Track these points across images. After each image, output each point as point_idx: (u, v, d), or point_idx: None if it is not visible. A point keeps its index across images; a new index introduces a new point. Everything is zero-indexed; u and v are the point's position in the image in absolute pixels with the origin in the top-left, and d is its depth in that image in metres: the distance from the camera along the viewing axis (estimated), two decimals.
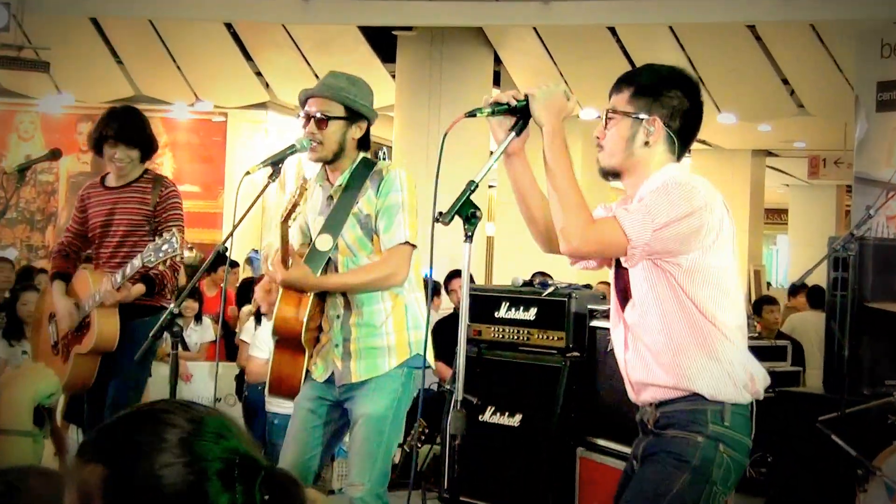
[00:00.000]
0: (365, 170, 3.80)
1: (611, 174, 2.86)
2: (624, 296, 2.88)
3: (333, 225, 3.76)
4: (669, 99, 2.80)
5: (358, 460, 3.73)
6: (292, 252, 3.66)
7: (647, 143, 2.79)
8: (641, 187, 2.80)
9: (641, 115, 2.78)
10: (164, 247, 4.21)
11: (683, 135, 2.83)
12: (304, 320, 3.74)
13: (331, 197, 3.81)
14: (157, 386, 6.48)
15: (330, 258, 3.78)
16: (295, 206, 3.62)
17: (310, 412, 3.84)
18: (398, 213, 3.72)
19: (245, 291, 8.06)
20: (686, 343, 2.75)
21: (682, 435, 2.75)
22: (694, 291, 2.72)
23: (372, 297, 3.79)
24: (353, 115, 3.79)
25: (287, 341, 3.80)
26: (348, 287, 3.78)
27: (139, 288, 4.68)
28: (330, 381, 3.83)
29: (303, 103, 3.83)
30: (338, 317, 3.80)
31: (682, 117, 2.81)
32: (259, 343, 6.68)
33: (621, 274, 2.88)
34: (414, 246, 3.76)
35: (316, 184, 3.90)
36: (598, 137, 2.84)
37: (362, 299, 3.78)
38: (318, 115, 3.75)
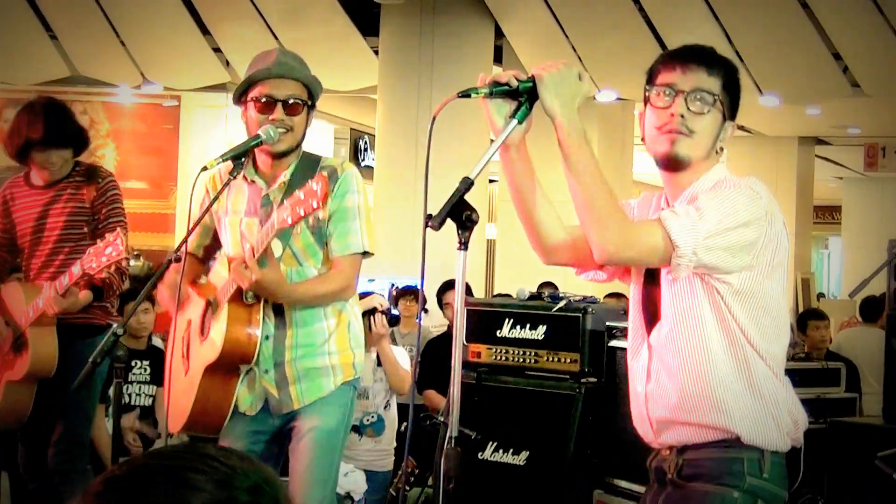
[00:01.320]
0: (309, 165, 3.83)
1: (674, 165, 2.80)
2: (652, 318, 2.87)
3: (282, 229, 3.76)
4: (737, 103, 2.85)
5: (311, 483, 3.81)
6: (270, 253, 3.67)
7: (721, 149, 2.82)
8: (691, 187, 2.79)
9: (728, 119, 2.81)
10: (108, 250, 4.21)
11: None
12: (259, 339, 3.76)
13: (267, 196, 3.82)
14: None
15: None
16: (305, 215, 3.46)
17: (247, 451, 3.87)
18: (355, 219, 3.79)
19: None
20: (728, 374, 2.74)
21: (714, 490, 2.74)
22: (743, 316, 2.73)
23: (314, 315, 3.84)
24: (313, 100, 3.89)
25: (223, 364, 3.80)
26: (314, 297, 3.82)
27: (87, 295, 4.67)
28: (265, 411, 3.87)
29: (249, 87, 3.82)
30: (267, 338, 3.82)
31: None
32: None
33: (650, 292, 2.87)
34: (371, 255, 3.82)
35: (238, 177, 3.79)
36: (682, 116, 2.74)
37: (304, 317, 3.83)
38: (292, 99, 3.80)
